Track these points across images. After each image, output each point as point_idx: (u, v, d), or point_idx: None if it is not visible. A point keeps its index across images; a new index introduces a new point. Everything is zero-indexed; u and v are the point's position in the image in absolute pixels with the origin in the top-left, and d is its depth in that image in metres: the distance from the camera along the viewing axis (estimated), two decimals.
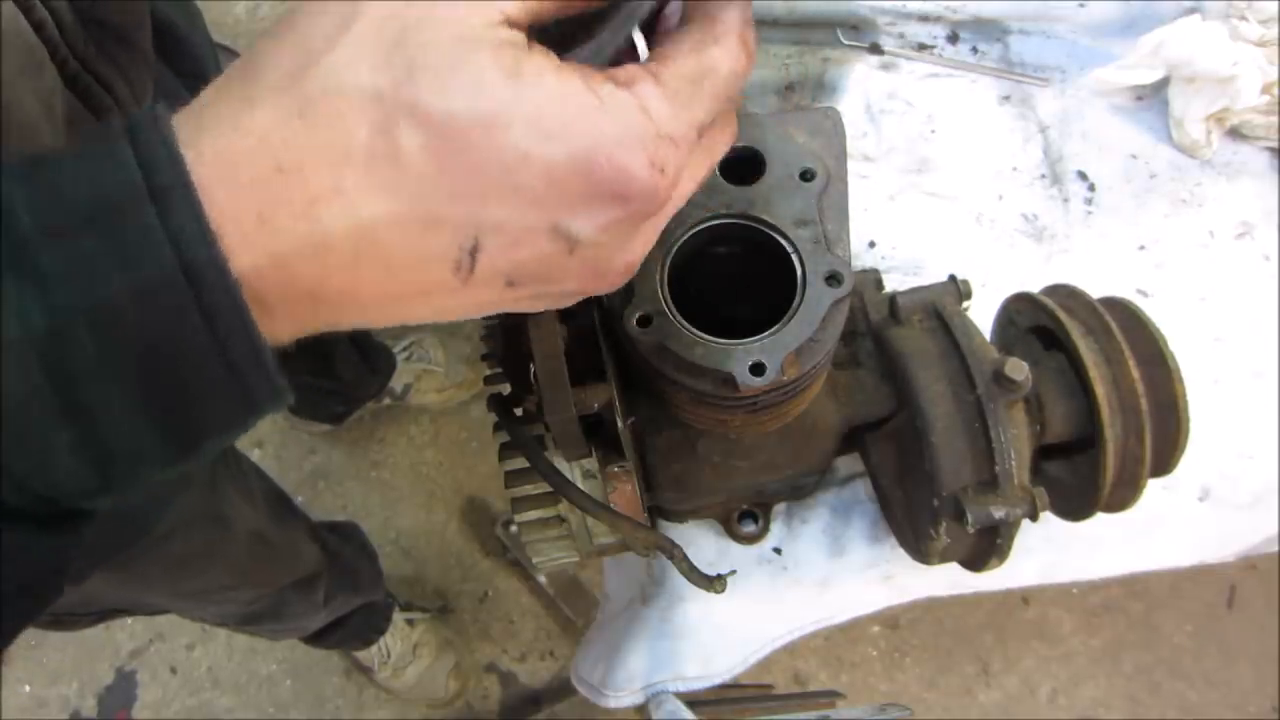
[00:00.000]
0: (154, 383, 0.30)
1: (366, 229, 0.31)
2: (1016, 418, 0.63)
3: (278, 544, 1.12)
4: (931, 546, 0.67)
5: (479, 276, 0.33)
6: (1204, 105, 0.95)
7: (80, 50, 0.48)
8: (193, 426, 0.31)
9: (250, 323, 0.30)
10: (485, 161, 0.31)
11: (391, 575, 1.79)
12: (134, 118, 0.30)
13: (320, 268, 0.31)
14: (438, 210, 0.32)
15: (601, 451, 0.60)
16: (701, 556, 0.82)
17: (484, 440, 1.91)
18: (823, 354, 0.53)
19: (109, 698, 1.77)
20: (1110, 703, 1.76)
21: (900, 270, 0.93)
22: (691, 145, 0.36)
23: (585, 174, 0.32)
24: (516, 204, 0.32)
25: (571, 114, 0.32)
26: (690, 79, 0.35)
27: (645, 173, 0.33)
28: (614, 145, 0.32)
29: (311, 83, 0.31)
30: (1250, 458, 0.87)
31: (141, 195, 0.28)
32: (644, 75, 0.34)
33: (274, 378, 0.31)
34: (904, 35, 1.06)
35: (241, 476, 1.05)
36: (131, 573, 0.89)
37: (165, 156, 0.29)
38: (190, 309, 0.29)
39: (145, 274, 0.28)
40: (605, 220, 0.34)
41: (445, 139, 0.31)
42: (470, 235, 0.32)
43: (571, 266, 0.35)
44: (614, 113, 0.33)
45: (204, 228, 0.29)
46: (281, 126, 0.30)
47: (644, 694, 0.82)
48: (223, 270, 0.29)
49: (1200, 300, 0.94)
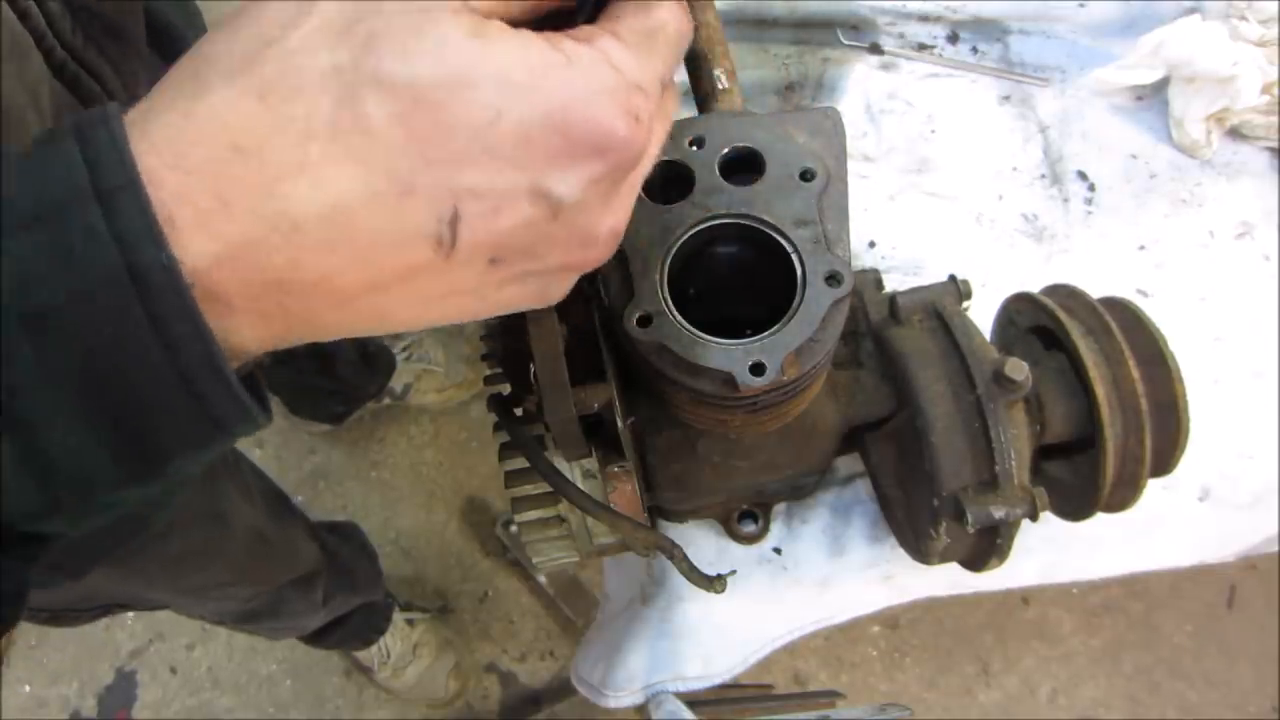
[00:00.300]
0: (99, 394, 0.28)
1: (338, 206, 0.29)
2: (1016, 418, 0.63)
3: (276, 542, 1.12)
4: (931, 546, 0.67)
5: (460, 252, 0.31)
6: (1204, 105, 0.95)
7: (68, 40, 0.47)
8: (148, 444, 0.30)
9: (203, 328, 0.28)
10: (456, 124, 0.30)
11: (391, 575, 1.79)
12: (83, 116, 0.29)
13: (288, 253, 0.29)
14: (411, 179, 0.30)
15: (601, 451, 0.60)
16: (701, 556, 0.82)
17: (484, 440, 1.91)
18: (823, 354, 0.53)
19: (109, 698, 1.77)
20: (1110, 703, 1.76)
21: (900, 270, 0.93)
22: (658, 96, 0.35)
23: (562, 130, 0.31)
24: (493, 166, 0.31)
25: (540, 71, 0.31)
26: (645, 33, 0.34)
27: (622, 122, 0.32)
28: (588, 98, 0.31)
29: (268, 65, 0.29)
30: (1250, 458, 0.87)
31: (86, 195, 0.27)
32: (602, 32, 0.34)
33: (235, 390, 0.30)
34: (904, 35, 1.06)
35: (240, 475, 1.06)
36: (131, 569, 0.89)
37: (113, 156, 0.28)
38: (135, 312, 0.28)
39: (87, 277, 0.27)
40: (586, 176, 0.32)
41: (413, 104, 0.29)
42: (448, 203, 0.31)
43: (557, 234, 0.33)
44: (582, 67, 0.32)
45: (151, 226, 0.27)
46: (237, 107, 0.29)
47: (644, 694, 0.82)
48: (171, 271, 0.28)
49: (1200, 300, 0.94)
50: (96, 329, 0.27)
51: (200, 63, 0.30)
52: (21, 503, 0.29)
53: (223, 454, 0.96)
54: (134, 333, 0.28)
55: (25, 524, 0.30)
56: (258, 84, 0.29)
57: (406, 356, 1.85)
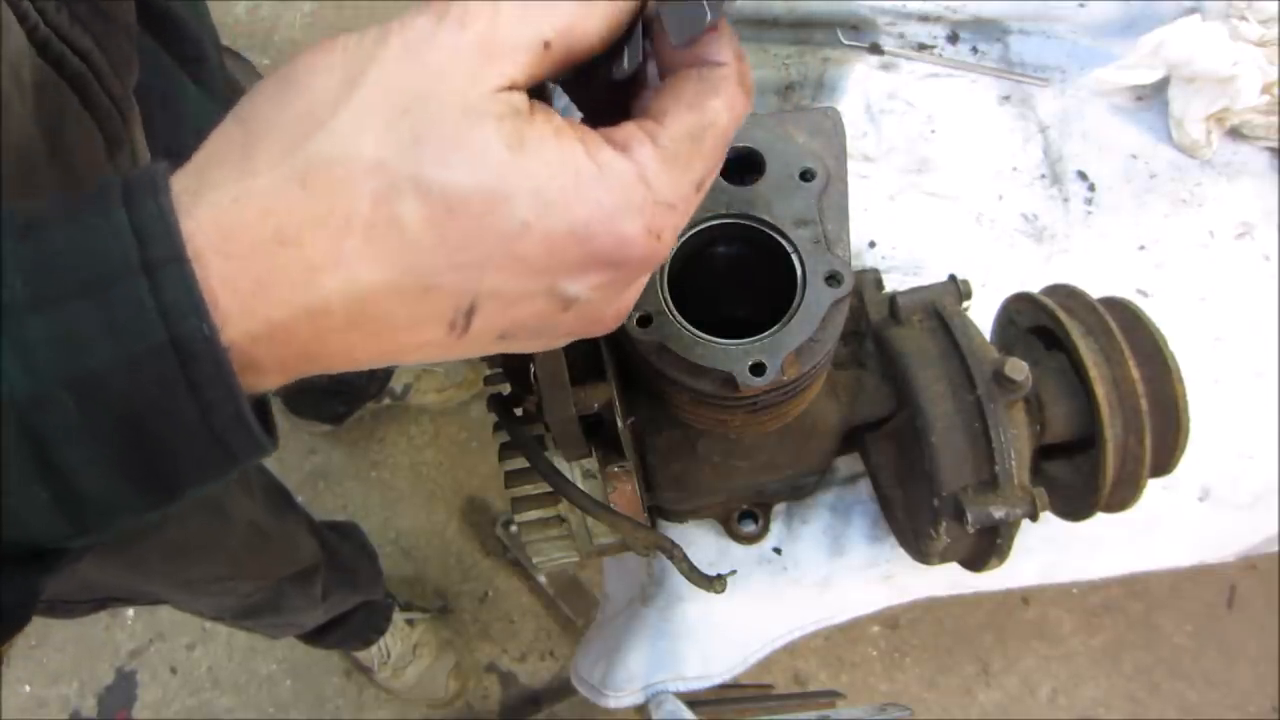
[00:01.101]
0: (135, 447, 0.30)
1: (364, 296, 0.31)
2: (1016, 418, 0.63)
3: (275, 536, 1.12)
4: (931, 546, 0.67)
5: (472, 335, 0.34)
6: (1204, 105, 0.95)
7: (51, 18, 0.47)
8: (171, 481, 0.32)
9: (237, 392, 0.31)
10: (486, 233, 0.31)
11: (391, 575, 1.79)
12: (133, 180, 0.30)
13: (316, 332, 0.32)
14: (436, 279, 0.32)
15: (601, 451, 0.60)
16: (701, 556, 0.82)
17: (484, 440, 1.91)
18: (823, 354, 0.53)
19: (109, 698, 1.77)
20: (1110, 703, 1.76)
21: (900, 270, 0.93)
22: (687, 207, 0.36)
23: (584, 243, 0.33)
24: (515, 272, 0.33)
25: (571, 184, 0.32)
26: (690, 137, 0.35)
27: (642, 240, 0.34)
28: (613, 215, 0.33)
29: (314, 149, 0.31)
30: (1250, 458, 0.87)
31: (135, 268, 0.29)
32: (641, 138, 0.34)
33: (257, 436, 0.32)
34: (904, 35, 1.06)
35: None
36: (128, 560, 0.89)
37: (161, 229, 0.29)
38: (177, 381, 0.30)
39: (134, 347, 0.29)
40: (600, 281, 0.34)
41: (447, 211, 0.31)
42: (468, 300, 0.33)
43: (565, 321, 0.36)
44: (613, 182, 0.33)
45: (196, 300, 0.29)
46: (282, 195, 0.30)
47: (644, 694, 0.82)
48: (212, 343, 0.29)
49: (1200, 300, 0.94)
50: (138, 393, 0.30)
51: (248, 135, 0.32)
52: (51, 534, 0.32)
53: None
54: (173, 397, 0.30)
55: (50, 545, 0.33)
56: (302, 170, 0.31)
57: None
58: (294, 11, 2.12)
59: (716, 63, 0.36)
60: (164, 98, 0.67)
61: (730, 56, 0.36)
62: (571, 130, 0.33)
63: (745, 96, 0.37)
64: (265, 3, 2.12)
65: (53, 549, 0.34)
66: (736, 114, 0.36)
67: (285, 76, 0.32)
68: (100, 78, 0.51)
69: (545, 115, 0.33)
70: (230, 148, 0.32)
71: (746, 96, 0.37)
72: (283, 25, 2.11)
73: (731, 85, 0.36)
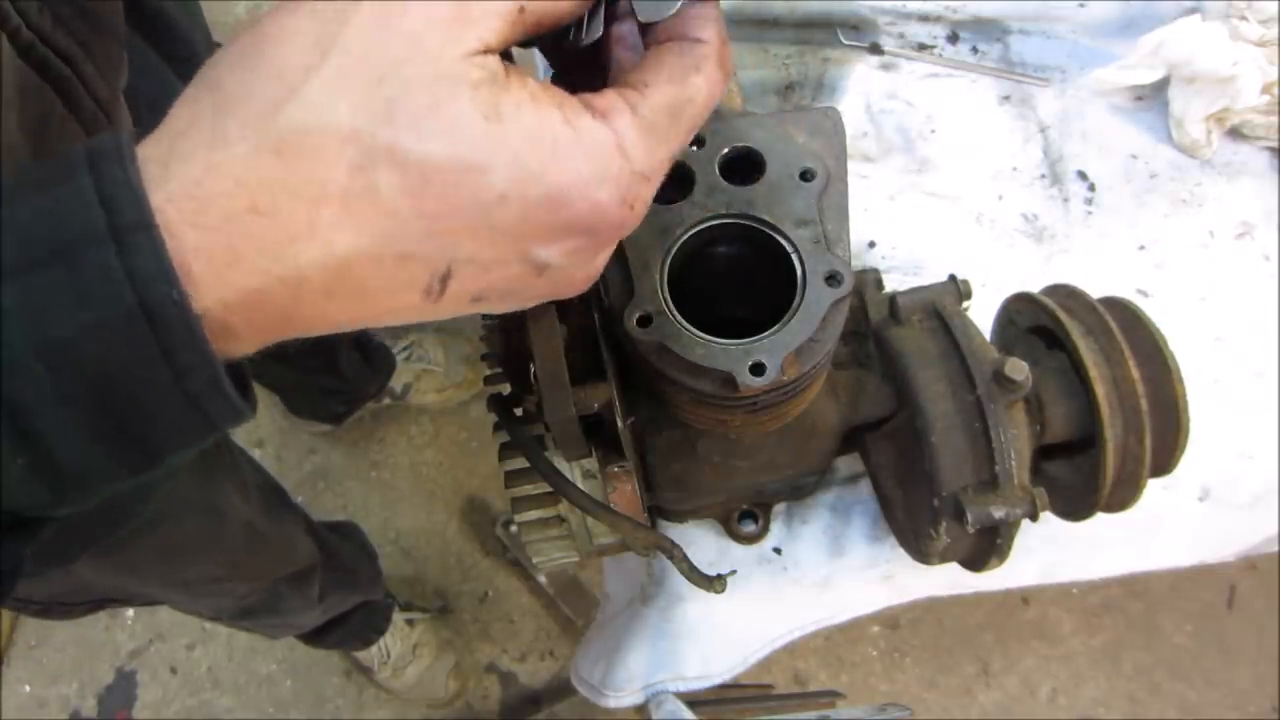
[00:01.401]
0: (109, 412, 0.30)
1: (341, 264, 0.31)
2: (1016, 418, 0.63)
3: (270, 537, 1.11)
4: (931, 546, 0.67)
5: (447, 298, 0.34)
6: (1204, 105, 0.95)
7: (34, 21, 0.46)
8: (149, 447, 0.32)
9: (210, 357, 0.30)
10: (462, 203, 0.32)
11: (391, 575, 1.79)
12: (97, 149, 0.30)
13: (292, 299, 0.32)
14: (413, 247, 0.32)
15: (601, 451, 0.60)
16: (701, 556, 0.82)
17: (484, 440, 1.91)
18: (823, 354, 0.53)
19: (109, 698, 1.77)
20: (1110, 703, 1.76)
21: (900, 270, 0.93)
22: (661, 176, 0.36)
23: (559, 210, 0.33)
24: (490, 239, 0.33)
25: (548, 152, 0.32)
26: (669, 111, 0.35)
27: (616, 209, 0.34)
28: (589, 183, 0.33)
29: (286, 118, 0.30)
30: (1250, 458, 0.87)
31: (102, 235, 0.29)
32: (622, 107, 0.35)
33: (234, 401, 0.32)
34: (904, 35, 1.06)
35: (235, 469, 1.05)
36: (122, 560, 0.89)
37: (128, 196, 0.29)
38: (149, 346, 0.29)
39: (103, 313, 0.29)
40: (573, 247, 0.35)
41: (423, 181, 0.31)
42: (444, 266, 0.33)
43: (538, 284, 0.36)
44: (590, 150, 0.33)
45: (165, 267, 0.29)
46: (256, 165, 0.30)
47: (644, 694, 0.82)
48: (183, 308, 0.29)
49: (1200, 300, 0.94)
50: (110, 358, 0.29)
51: (218, 102, 0.31)
52: (30, 501, 0.32)
53: (217, 448, 0.96)
54: (145, 362, 0.30)
55: (28, 513, 0.32)
56: (275, 139, 0.30)
57: (406, 356, 1.85)
58: None
59: (699, 39, 0.37)
60: (153, 99, 0.67)
61: (713, 35, 0.37)
62: (547, 96, 0.33)
63: (724, 76, 0.37)
64: (265, 2, 2.12)
65: (34, 518, 0.34)
66: (715, 92, 0.37)
67: (254, 40, 0.32)
68: (85, 81, 0.50)
69: (520, 80, 0.33)
70: (200, 116, 0.31)
71: (726, 76, 0.37)
72: None
73: (712, 63, 0.36)
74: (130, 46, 0.58)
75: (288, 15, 0.32)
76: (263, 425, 1.91)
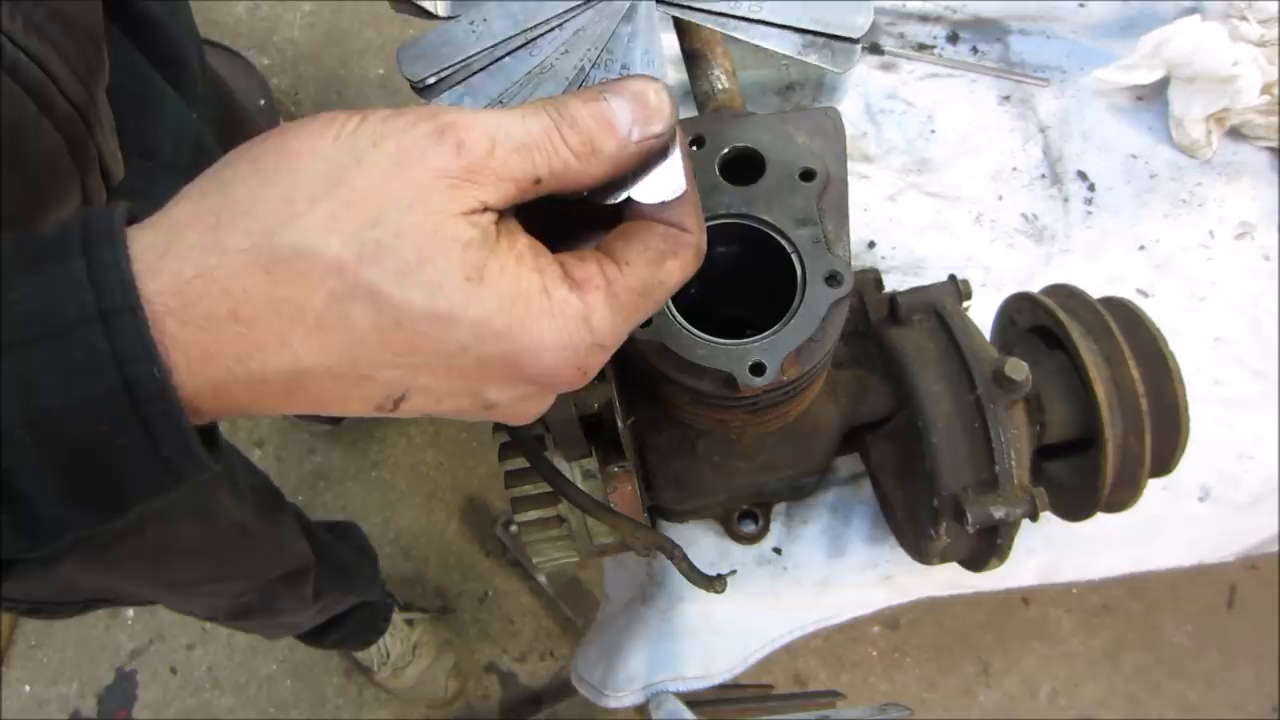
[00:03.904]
0: (88, 476, 0.33)
1: (304, 375, 0.34)
2: (1016, 418, 0.63)
3: (263, 537, 1.11)
4: (931, 546, 0.67)
5: (400, 413, 0.37)
6: (1204, 105, 0.95)
7: (5, 25, 0.47)
8: (120, 501, 0.35)
9: (184, 426, 0.33)
10: (427, 345, 0.34)
11: (391, 575, 1.79)
12: (91, 232, 0.32)
13: (254, 396, 0.35)
14: (373, 373, 0.35)
15: (601, 451, 0.60)
16: (701, 556, 0.82)
17: (484, 440, 1.90)
18: (823, 354, 0.53)
19: (109, 698, 1.77)
20: (1110, 703, 1.76)
21: (900, 270, 0.93)
22: (620, 342, 0.39)
23: (515, 366, 0.36)
24: (447, 377, 0.36)
25: (518, 317, 0.35)
26: (641, 291, 0.38)
27: (569, 375, 0.37)
28: (549, 350, 0.36)
29: (282, 240, 0.33)
30: (1250, 458, 0.87)
31: (91, 316, 0.31)
32: (599, 282, 0.37)
33: (202, 459, 0.35)
34: (904, 35, 1.06)
35: (226, 470, 1.04)
36: (110, 561, 0.88)
37: (115, 279, 0.31)
38: (129, 418, 0.32)
39: (89, 388, 0.32)
40: (523, 394, 0.38)
41: (395, 324, 0.33)
42: (399, 391, 0.36)
43: (486, 414, 0.39)
44: (558, 320, 0.36)
45: (148, 346, 0.32)
46: (244, 277, 0.32)
47: (644, 694, 0.81)
48: (162, 384, 0.32)
49: (1200, 300, 0.94)
50: (93, 428, 0.32)
51: (223, 207, 0.33)
52: (9, 549, 0.35)
53: None
54: (126, 432, 0.33)
55: (5, 557, 0.36)
56: (268, 258, 0.33)
57: None
58: (294, 11, 2.12)
59: (684, 229, 0.39)
60: (138, 101, 0.67)
61: (695, 226, 0.40)
62: (532, 259, 0.36)
63: (698, 260, 0.40)
64: (265, 2, 2.12)
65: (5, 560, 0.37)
66: (686, 276, 0.40)
67: (275, 153, 0.34)
68: (58, 83, 0.50)
69: (510, 241, 0.35)
70: (201, 216, 0.33)
71: (699, 261, 0.40)
72: (283, 25, 2.11)
73: (690, 251, 0.39)
74: (116, 48, 0.58)
75: (316, 136, 0.34)
76: (262, 425, 1.91)
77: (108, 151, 0.57)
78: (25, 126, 0.49)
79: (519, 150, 0.35)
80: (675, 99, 0.38)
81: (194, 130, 0.73)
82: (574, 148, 0.36)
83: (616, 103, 0.37)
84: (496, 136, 0.35)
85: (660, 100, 0.37)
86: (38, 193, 0.50)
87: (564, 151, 0.36)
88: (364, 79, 2.08)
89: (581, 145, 0.36)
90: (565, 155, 0.36)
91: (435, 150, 0.34)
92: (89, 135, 0.54)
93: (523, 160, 0.35)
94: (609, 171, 0.37)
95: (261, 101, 1.90)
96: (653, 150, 0.38)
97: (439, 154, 0.34)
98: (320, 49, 2.10)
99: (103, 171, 0.57)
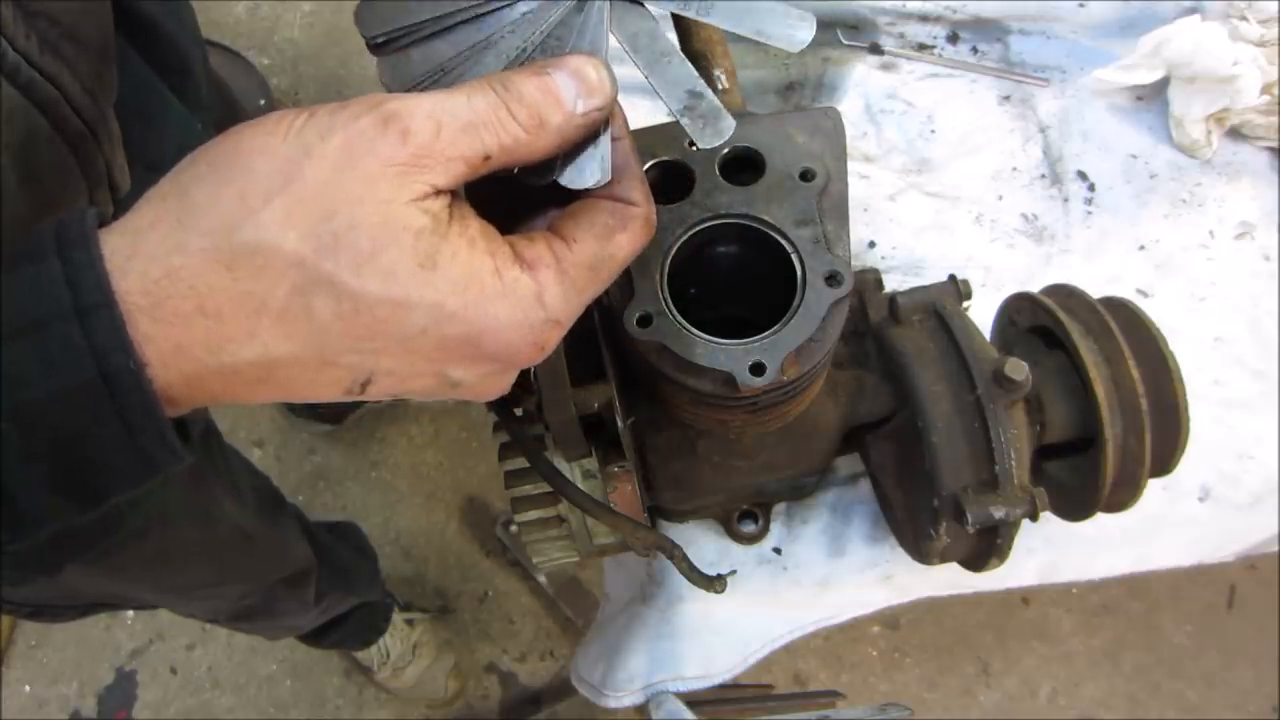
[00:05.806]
0: (68, 466, 0.35)
1: (273, 363, 0.36)
2: (1016, 418, 0.63)
3: (264, 540, 1.11)
4: (931, 546, 0.67)
5: (368, 395, 0.38)
6: (1204, 105, 0.95)
7: (20, 44, 0.47)
8: (99, 491, 0.37)
9: (160, 416, 0.35)
10: (387, 330, 0.36)
11: (391, 575, 1.79)
12: (64, 234, 0.34)
13: (226, 386, 0.36)
14: (337, 358, 0.36)
15: (601, 451, 0.60)
16: (701, 556, 0.82)
17: (484, 440, 1.90)
18: (823, 354, 0.54)
19: (109, 698, 1.77)
20: (1110, 703, 1.76)
21: (900, 270, 0.93)
22: (574, 318, 0.40)
23: (473, 345, 0.37)
24: (409, 360, 0.37)
25: (472, 298, 0.36)
26: (591, 265, 0.39)
27: (527, 350, 0.39)
28: (505, 328, 0.37)
29: (242, 237, 0.34)
30: (1250, 458, 0.87)
31: (68, 312, 0.33)
32: (549, 260, 0.38)
33: (177, 450, 0.36)
34: (904, 35, 1.06)
35: (228, 473, 1.05)
36: (111, 566, 0.88)
37: (91, 278, 0.33)
38: (107, 408, 0.34)
39: (67, 380, 0.33)
40: (485, 371, 0.39)
41: (354, 311, 0.35)
42: (365, 374, 0.37)
43: (452, 393, 0.40)
44: (511, 299, 0.37)
45: (124, 340, 0.33)
46: (208, 274, 0.34)
47: (644, 694, 0.81)
48: (138, 375, 0.34)
49: (1200, 300, 0.94)
50: (73, 420, 0.34)
51: (184, 209, 0.35)
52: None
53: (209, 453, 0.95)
54: (104, 422, 0.34)
55: None
56: (229, 255, 0.34)
57: None
58: (294, 11, 2.12)
59: (630, 202, 0.40)
60: (144, 113, 0.68)
61: (642, 199, 0.41)
62: (484, 243, 0.37)
63: (648, 233, 0.41)
64: (265, 2, 2.12)
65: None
66: (636, 248, 0.41)
67: (230, 153, 0.36)
68: (70, 100, 0.51)
69: (461, 225, 0.37)
70: (167, 216, 0.35)
71: (649, 234, 0.41)
72: (283, 25, 2.11)
73: (639, 224, 0.40)
74: (121, 60, 0.58)
75: (267, 134, 0.35)
76: (262, 425, 1.91)
77: (115, 165, 0.57)
78: (39, 142, 0.49)
79: (466, 129, 0.36)
80: (614, 78, 0.39)
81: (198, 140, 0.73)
82: (522, 122, 0.37)
83: (559, 76, 0.38)
84: (442, 119, 0.36)
85: (600, 76, 0.39)
86: (49, 206, 0.50)
87: (512, 126, 0.37)
88: (364, 79, 2.07)
89: (529, 119, 0.37)
90: (514, 129, 0.37)
91: (381, 140, 0.35)
92: (98, 150, 0.54)
93: (470, 139, 0.36)
94: (556, 144, 0.38)
95: (261, 101, 1.90)
96: (596, 124, 0.39)
97: (385, 144, 0.35)
98: (320, 49, 2.10)
99: (110, 184, 0.57)
